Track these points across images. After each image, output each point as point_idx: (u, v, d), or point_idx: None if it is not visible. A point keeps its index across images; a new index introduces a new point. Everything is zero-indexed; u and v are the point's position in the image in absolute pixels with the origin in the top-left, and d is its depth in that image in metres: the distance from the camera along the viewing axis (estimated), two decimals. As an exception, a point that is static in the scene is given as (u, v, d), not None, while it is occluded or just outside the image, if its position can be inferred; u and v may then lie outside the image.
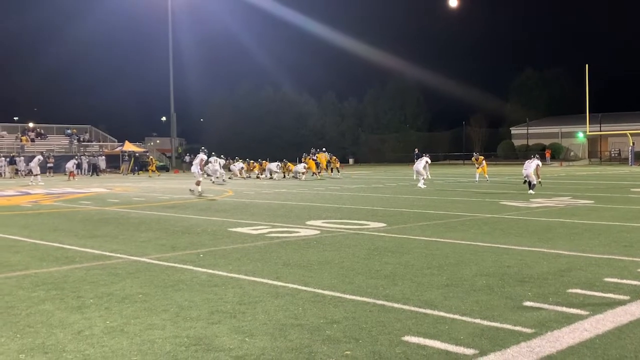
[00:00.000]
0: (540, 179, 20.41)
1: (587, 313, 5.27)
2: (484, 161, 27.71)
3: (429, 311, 5.37)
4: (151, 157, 52.64)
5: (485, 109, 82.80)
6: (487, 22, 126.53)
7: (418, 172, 24.99)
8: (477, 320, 5.07)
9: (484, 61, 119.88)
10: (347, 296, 5.97)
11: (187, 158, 60.25)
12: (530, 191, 19.65)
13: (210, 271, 7.32)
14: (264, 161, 38.93)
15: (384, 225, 11.78)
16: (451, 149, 76.64)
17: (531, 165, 19.94)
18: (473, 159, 28.87)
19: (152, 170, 46.22)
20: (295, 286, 6.43)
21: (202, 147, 24.68)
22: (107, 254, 8.75)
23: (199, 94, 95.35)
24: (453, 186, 25.08)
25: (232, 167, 37.71)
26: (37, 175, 33.52)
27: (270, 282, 6.68)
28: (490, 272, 7.04)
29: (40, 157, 36.35)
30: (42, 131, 59.94)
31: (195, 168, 22.00)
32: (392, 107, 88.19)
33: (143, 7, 67.24)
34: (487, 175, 27.85)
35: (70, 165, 38.75)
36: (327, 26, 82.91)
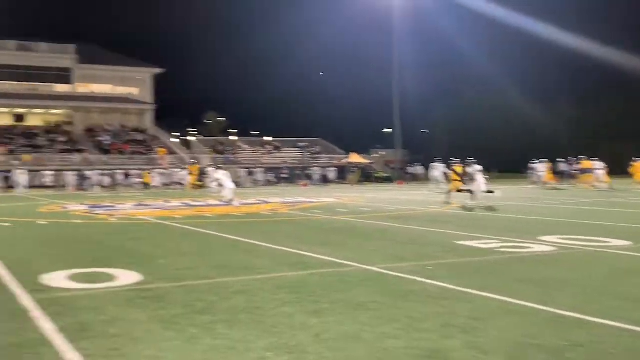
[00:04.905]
0: None
1: None
2: None
3: (690, 342, 4.76)
4: (375, 168, 54.00)
5: None
6: None
7: None
8: None
9: None
10: (590, 318, 5.52)
11: (410, 169, 60.70)
12: None
13: (439, 284, 7.26)
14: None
15: (630, 243, 10.72)
16: None
17: None
18: None
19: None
20: (529, 304, 6.11)
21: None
22: (339, 261, 9.11)
23: (421, 106, 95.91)
24: None
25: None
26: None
27: (501, 298, 6.43)
28: None
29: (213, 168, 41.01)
30: (278, 144, 65.00)
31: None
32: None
33: (365, 22, 69.57)
34: None
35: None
36: (558, 27, 78.19)
